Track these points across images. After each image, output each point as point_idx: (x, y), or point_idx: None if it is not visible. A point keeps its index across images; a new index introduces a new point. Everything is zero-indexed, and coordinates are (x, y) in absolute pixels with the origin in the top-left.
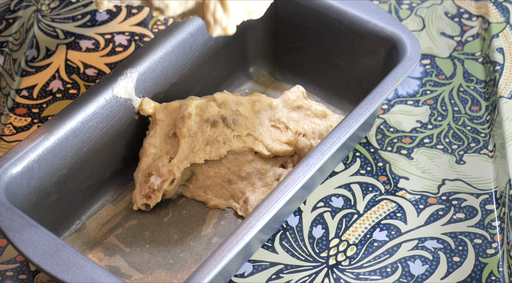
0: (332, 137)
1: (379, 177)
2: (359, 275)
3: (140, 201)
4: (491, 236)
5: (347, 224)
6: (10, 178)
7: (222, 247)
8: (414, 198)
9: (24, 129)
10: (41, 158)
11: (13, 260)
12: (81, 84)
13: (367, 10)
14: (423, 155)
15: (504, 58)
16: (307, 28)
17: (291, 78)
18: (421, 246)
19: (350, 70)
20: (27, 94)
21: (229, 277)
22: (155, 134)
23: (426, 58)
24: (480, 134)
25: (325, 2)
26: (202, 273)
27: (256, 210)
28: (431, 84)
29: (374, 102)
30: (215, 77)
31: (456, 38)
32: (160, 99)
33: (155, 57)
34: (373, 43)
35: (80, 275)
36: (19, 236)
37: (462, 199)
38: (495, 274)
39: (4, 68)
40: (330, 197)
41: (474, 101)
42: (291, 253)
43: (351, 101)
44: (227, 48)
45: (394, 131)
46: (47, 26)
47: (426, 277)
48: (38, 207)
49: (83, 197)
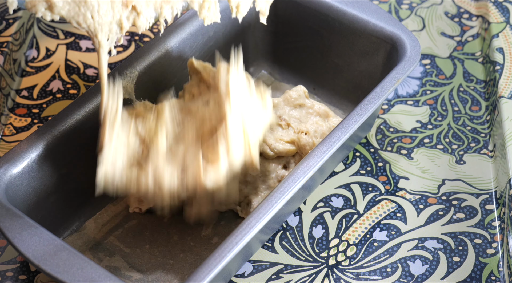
0: (332, 137)
1: (379, 177)
2: (359, 275)
3: (133, 204)
4: (491, 236)
5: (347, 224)
6: (10, 179)
7: (222, 247)
8: (414, 198)
9: (24, 129)
10: (41, 158)
11: (13, 261)
12: (81, 84)
13: (367, 10)
14: (423, 155)
15: (504, 58)
16: (307, 28)
17: (291, 78)
18: (421, 246)
19: (350, 70)
20: (27, 94)
21: (229, 277)
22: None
23: (426, 58)
24: (480, 134)
25: (325, 2)
26: (202, 273)
27: (256, 210)
28: (431, 84)
29: (374, 102)
30: None
31: (456, 38)
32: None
33: (155, 57)
34: (373, 43)
35: (80, 276)
36: (19, 236)
37: (462, 199)
38: (495, 274)
39: (4, 68)
40: (330, 197)
41: (474, 101)
42: (291, 253)
43: (351, 101)
44: (227, 48)
45: (394, 131)
46: (47, 26)
47: (426, 277)
48: (38, 207)
49: (83, 197)
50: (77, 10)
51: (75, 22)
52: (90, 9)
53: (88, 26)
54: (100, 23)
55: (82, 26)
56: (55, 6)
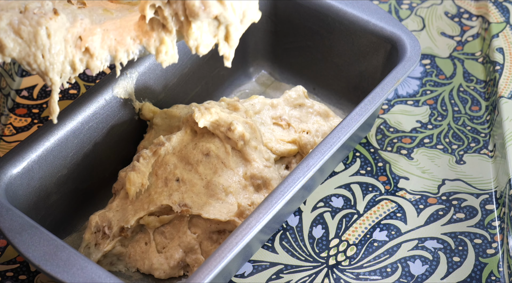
0: (332, 137)
1: (379, 177)
2: (359, 275)
3: None
4: (491, 236)
5: (347, 224)
6: (10, 179)
7: (222, 247)
8: (414, 198)
9: (24, 129)
10: (41, 158)
11: (13, 261)
12: (81, 84)
13: (367, 10)
14: (423, 155)
15: (504, 58)
16: (307, 28)
17: (291, 78)
18: (421, 246)
19: (350, 70)
20: (27, 94)
21: (229, 277)
22: (149, 138)
23: (426, 58)
24: (480, 134)
25: (325, 2)
26: (202, 273)
27: (256, 211)
28: (431, 84)
29: (374, 102)
30: (215, 77)
31: (456, 38)
32: (160, 99)
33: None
34: (373, 43)
35: (80, 276)
36: (19, 236)
37: (462, 199)
38: (495, 274)
39: (4, 69)
40: (330, 197)
41: (474, 101)
42: (291, 253)
43: (351, 101)
44: None
45: (394, 131)
46: None
47: (426, 277)
48: (38, 207)
49: (83, 197)
50: (27, 50)
51: (26, 63)
52: (41, 48)
53: (39, 65)
54: (51, 62)
55: (32, 67)
56: (5, 48)
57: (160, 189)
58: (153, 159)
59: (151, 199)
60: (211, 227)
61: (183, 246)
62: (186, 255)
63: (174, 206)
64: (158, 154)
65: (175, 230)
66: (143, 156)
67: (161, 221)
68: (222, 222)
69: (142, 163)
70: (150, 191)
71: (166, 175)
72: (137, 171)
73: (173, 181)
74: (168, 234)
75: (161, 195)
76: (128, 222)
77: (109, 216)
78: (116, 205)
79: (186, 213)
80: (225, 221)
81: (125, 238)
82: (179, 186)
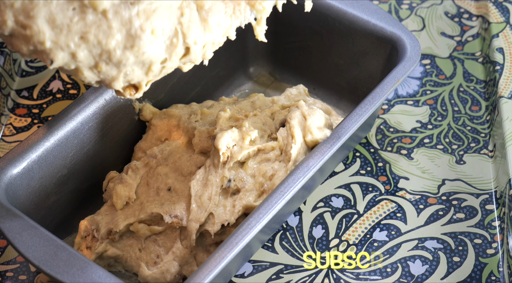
0: (332, 137)
1: (379, 177)
2: (359, 275)
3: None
4: (491, 236)
5: (347, 224)
6: (10, 179)
7: (222, 248)
8: (414, 198)
9: (24, 129)
10: (41, 158)
11: (13, 261)
12: (81, 84)
13: (367, 10)
14: (423, 155)
15: (504, 58)
16: (307, 28)
17: (291, 78)
18: (421, 246)
19: (350, 70)
20: (27, 94)
21: (229, 277)
22: (147, 138)
23: (426, 58)
24: (480, 134)
25: (325, 2)
26: (202, 273)
27: (256, 211)
28: (431, 84)
29: (374, 102)
30: (215, 78)
31: (456, 38)
32: (160, 99)
33: None
34: (373, 43)
35: (80, 276)
36: (19, 237)
37: (462, 199)
38: (495, 274)
39: (4, 69)
40: (330, 197)
41: (474, 101)
42: (291, 253)
43: (351, 101)
44: (227, 48)
45: (394, 131)
46: None
47: (426, 277)
48: (38, 207)
49: (83, 197)
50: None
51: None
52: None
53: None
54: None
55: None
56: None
57: (152, 198)
58: (143, 170)
59: (142, 207)
60: (207, 241)
61: (178, 259)
62: (182, 268)
63: (165, 216)
64: (149, 166)
65: (168, 239)
66: (131, 168)
67: (151, 231)
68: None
69: (130, 176)
70: (141, 200)
71: (158, 184)
72: (124, 184)
73: (164, 190)
74: (161, 242)
75: (152, 203)
76: (117, 226)
77: (98, 220)
78: (104, 210)
79: (176, 225)
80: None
81: (112, 241)
82: (170, 196)
